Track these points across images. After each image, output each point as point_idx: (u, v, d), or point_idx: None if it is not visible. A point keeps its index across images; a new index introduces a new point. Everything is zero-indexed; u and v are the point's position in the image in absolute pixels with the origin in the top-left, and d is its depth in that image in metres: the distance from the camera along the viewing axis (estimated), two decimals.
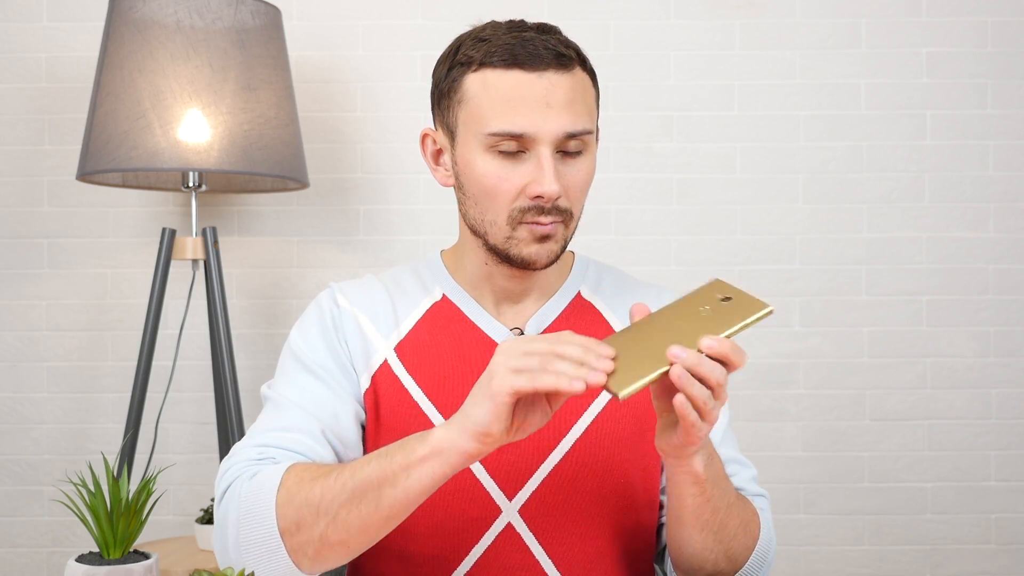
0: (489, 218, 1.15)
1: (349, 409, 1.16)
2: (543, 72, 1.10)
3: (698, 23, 2.26)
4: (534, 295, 1.23)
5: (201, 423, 2.24)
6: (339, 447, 1.14)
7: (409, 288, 1.25)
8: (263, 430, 1.13)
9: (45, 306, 2.25)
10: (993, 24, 2.26)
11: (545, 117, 1.10)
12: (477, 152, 1.13)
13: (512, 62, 1.11)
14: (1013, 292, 2.26)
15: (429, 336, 1.20)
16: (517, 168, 1.12)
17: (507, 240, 1.14)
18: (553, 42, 1.12)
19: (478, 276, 1.22)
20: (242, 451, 1.11)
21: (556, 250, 1.15)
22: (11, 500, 2.25)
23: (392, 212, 2.26)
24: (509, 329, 1.21)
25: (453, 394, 1.18)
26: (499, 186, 1.12)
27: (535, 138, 1.10)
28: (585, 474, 1.17)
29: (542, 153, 1.10)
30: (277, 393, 1.17)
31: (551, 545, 1.16)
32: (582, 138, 1.13)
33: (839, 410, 2.26)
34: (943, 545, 2.25)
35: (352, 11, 2.26)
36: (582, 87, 1.14)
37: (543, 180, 1.10)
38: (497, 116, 1.10)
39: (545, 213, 1.12)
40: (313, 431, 1.12)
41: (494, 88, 1.11)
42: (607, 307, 1.25)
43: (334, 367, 1.18)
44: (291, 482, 1.03)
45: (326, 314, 1.22)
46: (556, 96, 1.10)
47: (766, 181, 2.26)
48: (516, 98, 1.10)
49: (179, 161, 1.80)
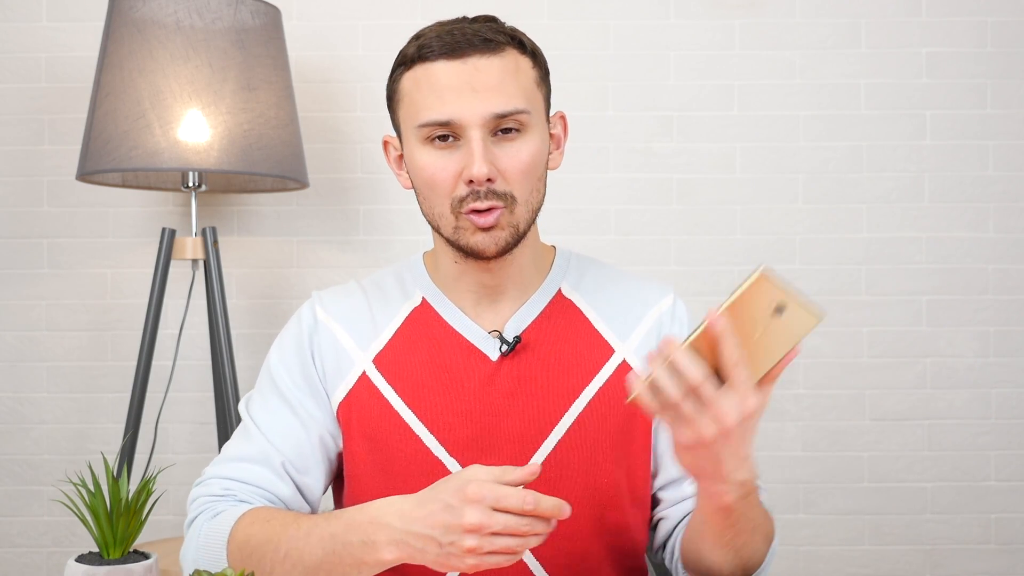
0: (437, 211, 1.15)
1: (314, 437, 1.20)
2: (467, 58, 1.11)
3: (698, 23, 2.26)
4: (512, 293, 1.21)
5: (201, 423, 2.24)
6: (298, 478, 1.19)
7: (390, 293, 1.25)
8: (230, 458, 1.20)
9: (45, 306, 2.25)
10: (993, 24, 2.25)
11: (471, 101, 1.10)
12: (416, 146, 1.14)
13: (439, 53, 1.11)
14: (1013, 292, 2.25)
15: (408, 344, 1.21)
16: (452, 156, 1.12)
17: (455, 231, 1.14)
18: (484, 29, 1.13)
19: (452, 275, 1.22)
20: (208, 483, 1.20)
21: (505, 237, 1.14)
22: (11, 500, 2.25)
23: (392, 212, 2.26)
24: (487, 332, 1.20)
25: (432, 402, 1.18)
26: (436, 176, 1.13)
27: (462, 123, 1.10)
28: (569, 475, 1.17)
29: (472, 137, 1.10)
30: (249, 416, 1.23)
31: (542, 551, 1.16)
32: (517, 118, 1.12)
33: (839, 410, 2.26)
34: (943, 545, 2.25)
35: (352, 11, 2.26)
36: (513, 68, 1.13)
37: (472, 163, 1.10)
38: (427, 107, 1.11)
39: (481, 198, 1.11)
40: (275, 466, 1.18)
41: (423, 81, 1.12)
42: (588, 304, 1.23)
43: (306, 392, 1.22)
44: (241, 537, 1.11)
45: (303, 332, 1.24)
46: (481, 79, 1.10)
47: (766, 181, 2.26)
48: (442, 87, 1.11)
49: (179, 161, 1.80)
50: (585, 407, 1.18)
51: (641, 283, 1.27)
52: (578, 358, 1.20)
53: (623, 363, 1.20)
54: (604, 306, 1.23)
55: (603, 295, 1.24)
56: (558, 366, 1.19)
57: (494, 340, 1.19)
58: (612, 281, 1.26)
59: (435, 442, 1.17)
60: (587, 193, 2.24)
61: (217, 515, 1.15)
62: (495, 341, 1.19)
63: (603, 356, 1.20)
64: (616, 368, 1.20)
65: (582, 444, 1.17)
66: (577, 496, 1.16)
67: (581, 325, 1.22)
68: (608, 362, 1.20)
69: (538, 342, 1.20)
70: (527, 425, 1.17)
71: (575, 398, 1.18)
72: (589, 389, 1.19)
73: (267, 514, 1.12)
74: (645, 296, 1.25)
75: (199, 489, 1.20)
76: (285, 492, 1.18)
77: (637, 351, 1.21)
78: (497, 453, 1.16)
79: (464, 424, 1.17)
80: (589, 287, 1.25)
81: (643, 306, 1.24)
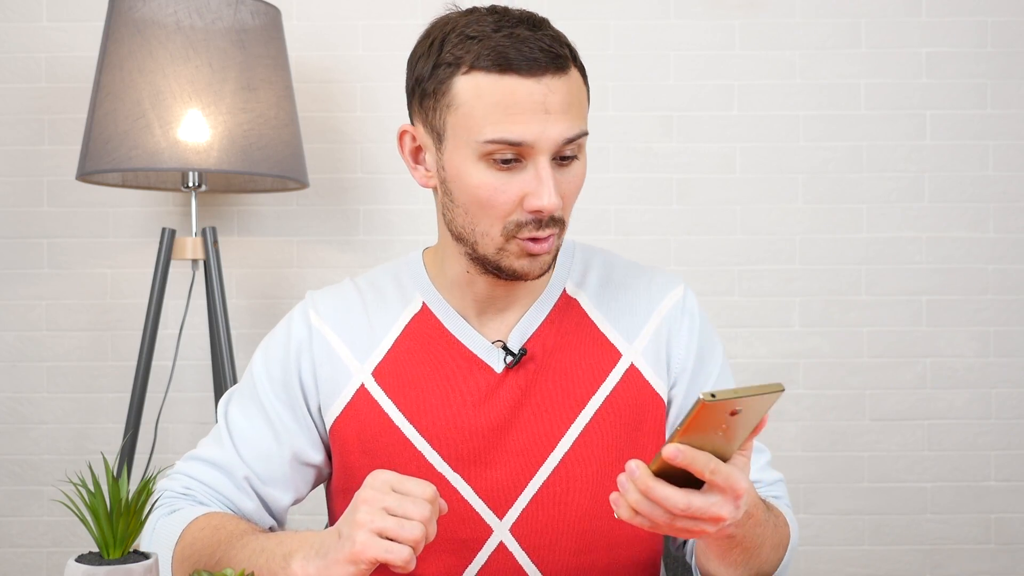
0: (481, 229, 1.09)
1: (286, 451, 1.19)
2: (540, 77, 1.05)
3: (698, 23, 2.26)
4: (519, 298, 1.18)
5: (201, 423, 2.24)
6: (263, 490, 1.18)
7: (388, 296, 1.21)
8: (198, 457, 1.20)
9: (45, 306, 2.25)
10: (993, 24, 2.25)
11: (544, 124, 1.04)
12: (470, 161, 1.07)
13: (507, 67, 1.04)
14: (1013, 292, 2.25)
15: (408, 355, 1.17)
16: (513, 179, 1.06)
17: (498, 252, 1.09)
18: (548, 41, 1.06)
19: (459, 282, 1.17)
20: (175, 477, 1.20)
21: (549, 260, 1.11)
22: (11, 500, 2.25)
23: (392, 212, 2.26)
24: (491, 343, 1.16)
25: (434, 416, 1.15)
26: (495, 198, 1.06)
27: (534, 146, 1.05)
28: (575, 488, 1.14)
29: (540, 163, 1.05)
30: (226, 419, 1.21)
31: (544, 562, 1.14)
32: (578, 141, 1.08)
33: (839, 410, 2.26)
34: (943, 545, 2.25)
35: (352, 11, 2.26)
36: (577, 89, 1.09)
37: (542, 193, 1.05)
38: (492, 124, 1.04)
39: (543, 226, 1.07)
40: (237, 479, 1.17)
41: (488, 94, 1.04)
42: (593, 304, 1.20)
43: (284, 403, 1.19)
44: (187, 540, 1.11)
45: (292, 342, 1.20)
46: (554, 102, 1.05)
47: (766, 181, 2.26)
48: (512, 105, 1.04)
49: (179, 161, 1.80)
50: (592, 417, 1.15)
51: (649, 276, 1.23)
52: (584, 366, 1.16)
53: (631, 367, 1.17)
54: (610, 305, 1.20)
55: (608, 292, 1.21)
56: (564, 376, 1.16)
57: (498, 351, 1.16)
58: (618, 275, 1.23)
59: (437, 457, 1.14)
60: (587, 193, 2.24)
61: (173, 513, 1.15)
62: (499, 352, 1.16)
63: (610, 362, 1.17)
64: (624, 373, 1.17)
65: (589, 456, 1.14)
66: (585, 509, 1.14)
67: (587, 330, 1.18)
68: (615, 368, 1.17)
69: (543, 351, 1.16)
70: (533, 438, 1.14)
71: (581, 408, 1.15)
72: (596, 398, 1.16)
73: (217, 521, 1.12)
74: (652, 292, 1.21)
75: (165, 482, 1.20)
76: (247, 506, 1.18)
77: (644, 353, 1.18)
78: (502, 467, 1.14)
79: (467, 439, 1.14)
80: (594, 284, 1.21)
81: (649, 303, 1.20)
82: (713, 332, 1.24)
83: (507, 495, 1.14)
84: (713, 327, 1.25)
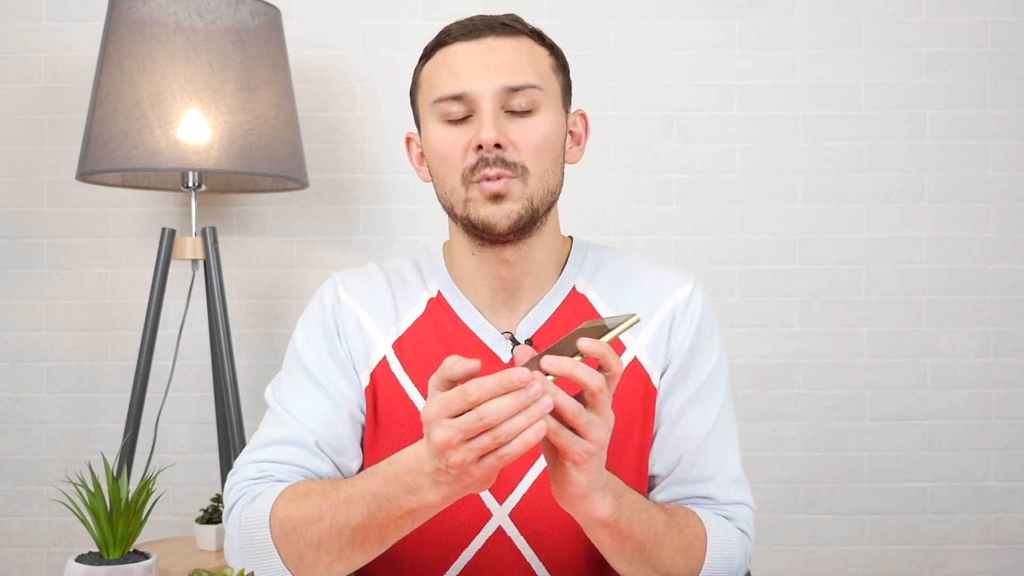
0: (449, 187, 1.15)
1: (345, 416, 1.18)
2: (483, 38, 1.14)
3: (698, 23, 2.26)
4: (528, 289, 1.20)
5: (201, 423, 2.24)
6: (335, 456, 1.17)
7: (409, 280, 1.25)
8: (262, 443, 1.17)
9: (45, 306, 2.25)
10: (993, 24, 2.26)
11: (482, 75, 1.12)
12: (432, 126, 1.16)
13: (456, 37, 1.15)
14: (1013, 292, 2.26)
15: (426, 335, 1.21)
16: (465, 130, 1.14)
17: (465, 204, 1.14)
18: (504, 18, 1.17)
19: (469, 269, 1.21)
20: (243, 469, 1.16)
21: (517, 209, 1.13)
22: (11, 500, 2.25)
23: (392, 212, 2.26)
24: (500, 333, 1.19)
25: None
26: (447, 148, 1.14)
27: (473, 96, 1.12)
28: None
29: (483, 107, 1.12)
30: (278, 401, 1.20)
31: (542, 547, 1.16)
32: (529, 94, 1.13)
33: (839, 410, 2.26)
34: (943, 545, 2.25)
35: (352, 11, 2.26)
36: (528, 50, 1.16)
37: (480, 129, 1.11)
38: (441, 84, 1.14)
39: (490, 165, 1.11)
40: (308, 445, 1.16)
41: (440, 63, 1.16)
42: (601, 299, 1.22)
43: (335, 370, 1.20)
44: (282, 514, 1.07)
45: (328, 311, 1.23)
46: (494, 57, 1.13)
47: (766, 181, 2.26)
48: (457, 64, 1.14)
49: (179, 161, 1.80)
50: None
51: (660, 272, 1.25)
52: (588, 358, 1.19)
53: (633, 360, 1.19)
54: (618, 300, 1.22)
55: (618, 288, 1.23)
56: None
57: (506, 342, 1.19)
58: (629, 273, 1.25)
59: None
60: (587, 193, 2.24)
61: (255, 498, 1.12)
62: (507, 343, 1.19)
63: None
64: (626, 366, 1.19)
65: None
66: None
67: None
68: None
69: (550, 343, 1.19)
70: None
71: None
72: None
73: (305, 488, 1.09)
74: (660, 287, 1.23)
75: (234, 478, 1.17)
76: (324, 469, 1.16)
77: (647, 347, 1.20)
78: None
79: None
80: (604, 281, 1.23)
81: (656, 298, 1.22)
82: (715, 334, 1.24)
83: (508, 480, 1.16)
84: (719, 332, 1.25)
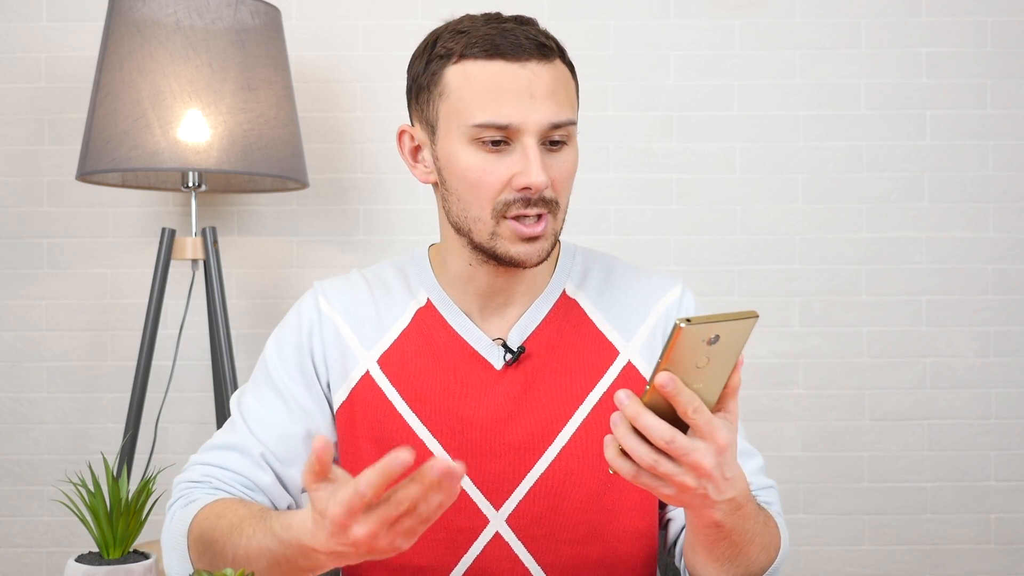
0: (473, 214, 1.12)
1: (301, 429, 1.20)
2: (525, 62, 1.10)
3: (698, 23, 2.26)
4: (520, 295, 1.20)
5: (201, 423, 2.24)
6: (279, 468, 1.19)
7: (395, 290, 1.24)
8: (212, 446, 1.21)
9: (45, 306, 2.25)
10: (993, 24, 2.25)
11: (529, 107, 1.08)
12: (460, 145, 1.11)
13: (494, 52, 1.09)
14: (1013, 292, 2.26)
15: (414, 346, 1.20)
16: (502, 160, 1.10)
17: (492, 237, 1.12)
18: (533, 32, 1.12)
19: (461, 277, 1.20)
20: (190, 469, 1.20)
21: (547, 247, 1.13)
22: (11, 500, 2.25)
23: (392, 212, 2.26)
24: (492, 340, 1.19)
25: (435, 407, 1.17)
26: (483, 179, 1.10)
27: (520, 129, 1.09)
28: (573, 481, 1.16)
29: (527, 144, 1.09)
30: (238, 407, 1.23)
31: (540, 553, 1.16)
32: (566, 128, 1.12)
33: (839, 410, 2.26)
34: (943, 545, 2.25)
35: (352, 11, 2.26)
36: (564, 78, 1.13)
37: (530, 171, 1.08)
38: (481, 107, 1.09)
39: (531, 204, 1.10)
40: (253, 454, 1.18)
41: (476, 79, 1.10)
42: (592, 304, 1.22)
43: (298, 383, 1.21)
44: (197, 532, 1.10)
45: (304, 325, 1.23)
46: (539, 86, 1.09)
47: (766, 181, 2.26)
48: (499, 88, 1.09)
49: (179, 161, 1.80)
50: (589, 413, 1.17)
51: (648, 277, 1.25)
52: (582, 363, 1.19)
53: (628, 364, 1.19)
54: (609, 305, 1.22)
55: (608, 293, 1.23)
56: (562, 372, 1.18)
57: (498, 348, 1.19)
58: (618, 276, 1.25)
59: (438, 446, 1.16)
60: (587, 193, 2.24)
61: (189, 504, 1.15)
62: (499, 350, 1.19)
63: (608, 359, 1.19)
64: (621, 370, 1.19)
65: (586, 450, 1.16)
66: (581, 502, 1.16)
67: (585, 328, 1.20)
68: (613, 364, 1.19)
69: (542, 349, 1.19)
70: (531, 432, 1.17)
71: (579, 404, 1.17)
72: (593, 394, 1.18)
73: (220, 509, 1.09)
74: (650, 291, 1.23)
75: (181, 475, 1.21)
76: (264, 480, 1.18)
77: (642, 350, 1.20)
78: (500, 459, 1.16)
79: (467, 430, 1.17)
80: (593, 285, 1.23)
81: (647, 301, 1.22)
82: None
83: (504, 486, 1.16)
84: None
